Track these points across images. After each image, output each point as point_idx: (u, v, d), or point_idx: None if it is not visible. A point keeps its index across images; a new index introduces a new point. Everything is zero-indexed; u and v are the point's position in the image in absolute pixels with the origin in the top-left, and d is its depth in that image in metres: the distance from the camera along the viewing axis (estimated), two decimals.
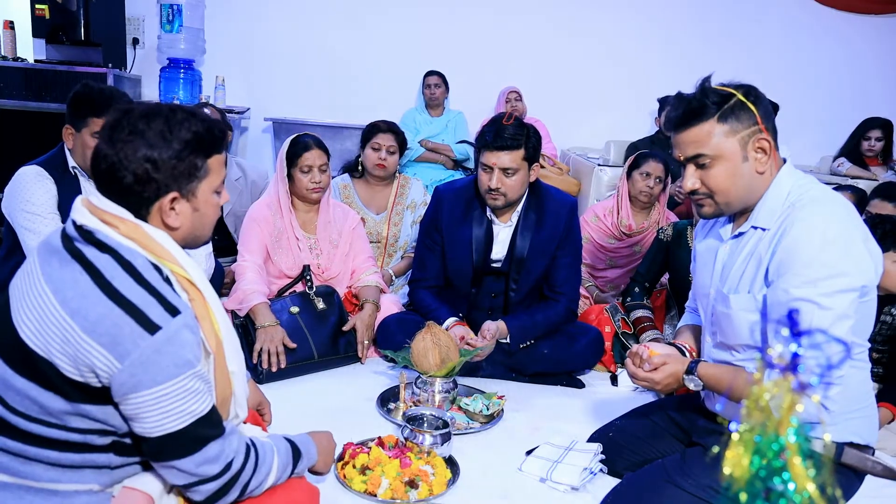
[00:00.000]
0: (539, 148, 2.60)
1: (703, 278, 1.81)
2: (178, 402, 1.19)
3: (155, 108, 1.26)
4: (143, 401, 1.17)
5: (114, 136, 1.23)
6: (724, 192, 1.61)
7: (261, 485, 1.34)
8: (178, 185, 1.26)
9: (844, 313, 1.46)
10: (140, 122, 1.23)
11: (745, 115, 1.56)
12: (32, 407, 1.20)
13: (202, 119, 1.30)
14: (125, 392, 1.17)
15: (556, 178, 4.58)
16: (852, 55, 5.70)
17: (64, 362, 1.16)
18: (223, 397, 1.34)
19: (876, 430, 1.67)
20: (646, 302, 2.96)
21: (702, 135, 1.58)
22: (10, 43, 4.52)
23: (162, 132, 1.23)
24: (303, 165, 2.79)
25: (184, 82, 4.89)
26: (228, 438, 1.28)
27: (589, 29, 5.52)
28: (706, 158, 1.59)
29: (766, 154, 1.58)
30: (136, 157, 1.22)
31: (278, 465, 1.37)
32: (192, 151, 1.26)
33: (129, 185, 1.23)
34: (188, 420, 1.21)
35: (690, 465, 1.68)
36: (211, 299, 1.34)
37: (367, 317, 2.80)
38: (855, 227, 1.52)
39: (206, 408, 1.24)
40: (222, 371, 1.33)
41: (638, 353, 1.76)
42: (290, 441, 1.45)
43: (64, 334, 1.15)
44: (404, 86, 5.34)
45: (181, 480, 1.26)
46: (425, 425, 2.06)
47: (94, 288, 1.17)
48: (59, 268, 1.20)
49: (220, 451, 1.26)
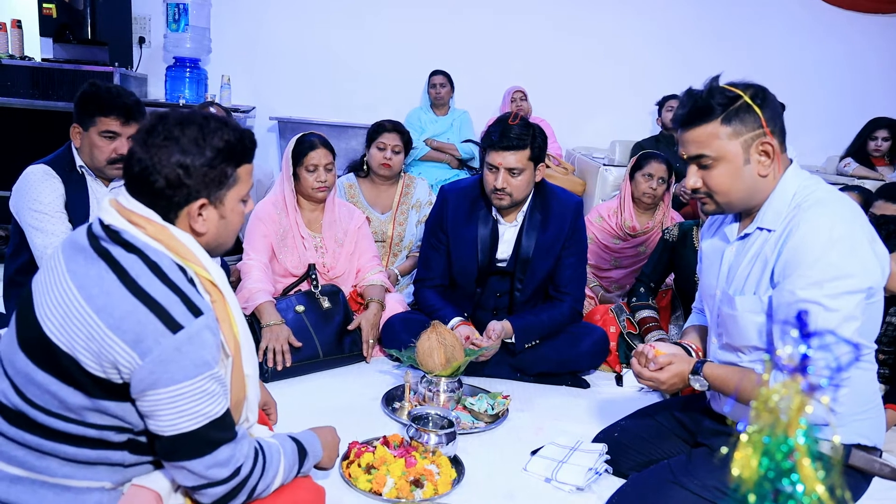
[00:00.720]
0: (545, 148, 2.60)
1: (709, 280, 1.81)
2: (194, 403, 1.21)
3: (190, 116, 1.29)
4: (160, 398, 1.18)
5: (149, 140, 1.26)
6: (725, 193, 1.61)
7: (268, 488, 1.35)
8: (207, 192, 1.29)
9: (851, 315, 1.45)
10: (175, 128, 1.26)
11: (749, 117, 1.55)
12: (52, 401, 1.21)
13: (234, 128, 1.32)
14: (143, 388, 1.18)
15: (561, 178, 4.57)
16: (857, 54, 5.68)
17: (87, 358, 1.18)
18: (237, 400, 1.35)
19: (883, 432, 1.66)
20: (651, 302, 2.96)
21: (705, 135, 1.58)
22: (17, 42, 4.52)
23: (196, 139, 1.26)
24: (308, 164, 2.80)
25: (189, 81, 4.90)
26: (240, 443, 1.29)
27: (594, 28, 5.51)
28: (708, 159, 1.59)
29: (769, 157, 1.58)
30: (169, 163, 1.24)
31: (285, 467, 1.38)
32: (223, 160, 1.29)
33: (160, 188, 1.25)
34: (202, 421, 1.22)
35: (696, 465, 1.68)
36: (232, 303, 1.36)
37: (373, 316, 2.80)
38: (861, 228, 1.51)
39: (220, 410, 1.25)
40: (238, 374, 1.35)
41: (643, 352, 1.76)
42: (295, 440, 1.45)
43: (89, 330, 1.17)
44: (409, 85, 5.34)
45: (190, 482, 1.26)
46: (430, 425, 2.07)
47: (120, 286, 1.19)
48: (85, 265, 1.22)
49: (231, 456, 1.26)
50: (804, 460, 0.54)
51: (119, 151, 2.43)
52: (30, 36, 4.60)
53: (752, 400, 0.58)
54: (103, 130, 2.37)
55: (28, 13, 4.63)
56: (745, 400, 1.58)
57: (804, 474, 0.54)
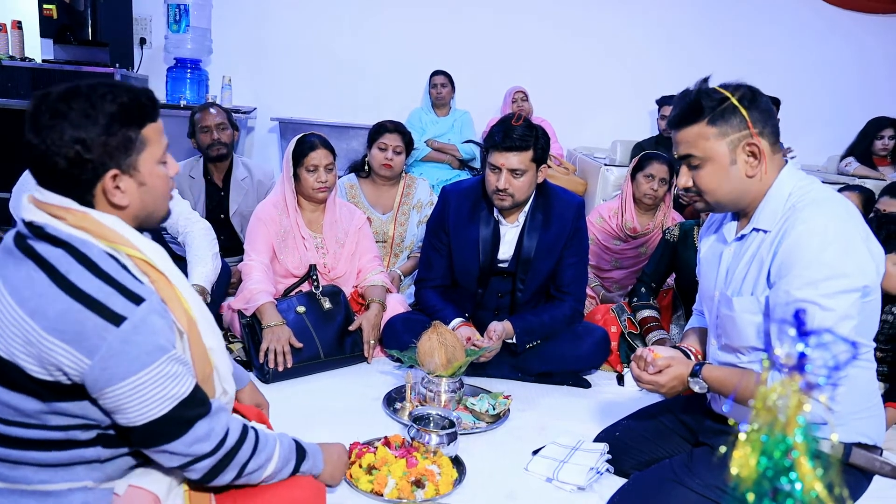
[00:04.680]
0: (547, 149, 2.60)
1: (707, 281, 1.82)
2: (158, 389, 1.17)
3: (73, 88, 1.20)
4: (121, 393, 1.15)
5: (36, 123, 1.18)
6: (712, 193, 1.64)
7: (260, 468, 1.32)
8: (116, 162, 1.21)
9: (846, 314, 1.45)
10: (60, 104, 1.17)
11: (735, 118, 1.57)
12: (7, 411, 1.18)
13: (127, 89, 1.23)
14: (101, 387, 1.15)
15: (562, 178, 4.57)
16: (859, 54, 5.68)
17: (29, 363, 1.14)
18: (204, 375, 1.32)
19: (883, 430, 1.66)
20: (652, 302, 2.96)
21: (693, 136, 1.60)
22: (17, 43, 4.54)
23: (85, 110, 1.17)
24: (309, 165, 2.80)
25: (190, 82, 4.90)
26: (217, 415, 1.27)
27: (595, 28, 5.51)
28: (696, 159, 1.62)
29: (755, 158, 1.59)
30: (63, 141, 1.16)
31: (280, 455, 1.36)
32: (122, 124, 1.20)
33: (63, 170, 1.18)
34: (171, 404, 1.19)
35: (697, 464, 1.68)
36: (175, 278, 1.30)
37: (374, 316, 2.80)
38: (855, 227, 1.51)
39: (187, 389, 1.22)
40: (199, 349, 1.31)
41: (642, 356, 1.76)
42: (296, 441, 1.45)
43: (25, 335, 1.13)
44: (410, 85, 5.34)
45: (176, 462, 1.24)
46: (431, 425, 2.07)
47: (51, 285, 1.14)
48: (14, 268, 1.17)
49: (210, 429, 1.24)
50: (803, 459, 0.55)
51: None
52: (30, 37, 4.61)
53: (751, 400, 0.58)
54: None
55: (28, 14, 4.63)
56: (745, 400, 1.59)
57: (803, 473, 0.54)
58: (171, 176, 1.33)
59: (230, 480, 1.30)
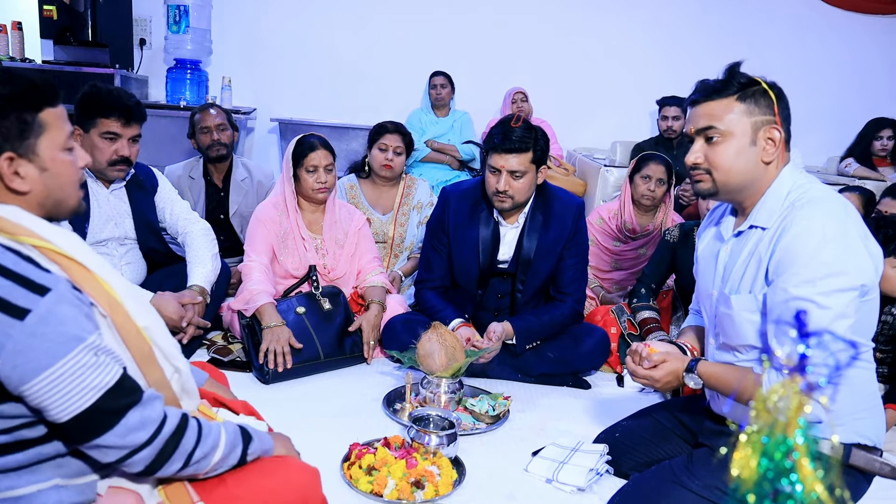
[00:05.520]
0: (547, 151, 2.60)
1: (705, 280, 1.82)
2: (78, 380, 1.11)
3: None
4: (39, 388, 1.09)
5: None
6: (725, 171, 1.62)
7: (206, 456, 1.26)
8: (10, 145, 1.18)
9: (843, 312, 1.45)
10: None
11: (764, 101, 1.59)
12: None
13: (22, 76, 1.21)
14: (16, 385, 1.09)
15: (562, 179, 4.57)
16: (859, 55, 5.68)
17: None
18: (142, 354, 1.25)
19: (883, 431, 1.66)
20: (652, 303, 2.96)
21: (718, 109, 1.61)
22: (17, 44, 4.54)
23: None
24: (308, 165, 2.80)
25: (190, 83, 4.90)
26: (150, 404, 1.20)
27: (595, 29, 5.51)
28: (716, 132, 1.61)
29: (774, 145, 1.59)
30: None
31: (226, 440, 1.29)
32: (14, 107, 1.18)
33: None
34: (97, 394, 1.13)
35: (697, 465, 1.68)
36: (90, 262, 1.23)
37: (373, 317, 2.80)
38: (853, 226, 1.51)
39: (112, 378, 1.15)
40: (131, 329, 1.24)
41: (637, 350, 1.76)
42: (240, 425, 1.38)
43: None
44: (410, 86, 5.34)
45: (113, 456, 1.17)
46: (431, 426, 2.07)
47: None
48: None
49: (144, 418, 1.18)
50: (803, 460, 0.55)
51: (120, 153, 2.44)
52: (30, 38, 4.61)
53: (749, 399, 0.58)
54: (104, 132, 2.37)
55: (29, 15, 4.63)
56: (743, 399, 1.59)
57: (803, 474, 0.54)
58: (80, 167, 1.30)
59: (176, 471, 1.23)
